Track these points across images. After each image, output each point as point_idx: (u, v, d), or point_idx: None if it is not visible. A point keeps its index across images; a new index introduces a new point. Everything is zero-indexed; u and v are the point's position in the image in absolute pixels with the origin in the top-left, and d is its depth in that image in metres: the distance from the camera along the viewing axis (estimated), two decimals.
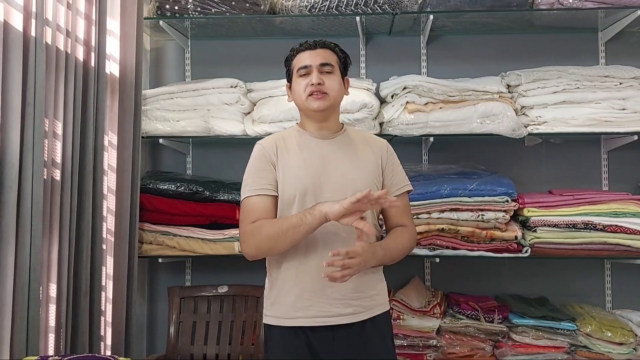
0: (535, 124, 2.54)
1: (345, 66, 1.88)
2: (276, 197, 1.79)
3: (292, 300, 1.76)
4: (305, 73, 1.79)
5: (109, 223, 2.39)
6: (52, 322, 2.00)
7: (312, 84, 1.76)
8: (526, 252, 2.47)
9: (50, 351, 1.99)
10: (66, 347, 2.05)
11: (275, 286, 1.82)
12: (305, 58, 1.81)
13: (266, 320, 1.83)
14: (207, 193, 2.62)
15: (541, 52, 2.83)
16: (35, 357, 1.73)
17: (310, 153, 1.82)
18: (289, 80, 1.88)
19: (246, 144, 2.86)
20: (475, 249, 2.48)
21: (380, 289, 1.85)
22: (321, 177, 1.78)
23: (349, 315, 1.75)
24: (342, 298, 1.75)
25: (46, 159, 1.92)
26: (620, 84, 2.54)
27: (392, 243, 1.82)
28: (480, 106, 2.52)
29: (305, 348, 1.75)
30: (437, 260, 2.52)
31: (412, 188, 1.94)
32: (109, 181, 2.39)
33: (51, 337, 2.00)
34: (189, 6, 2.64)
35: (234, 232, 2.58)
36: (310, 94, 1.77)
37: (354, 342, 1.75)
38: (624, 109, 2.51)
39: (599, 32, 2.84)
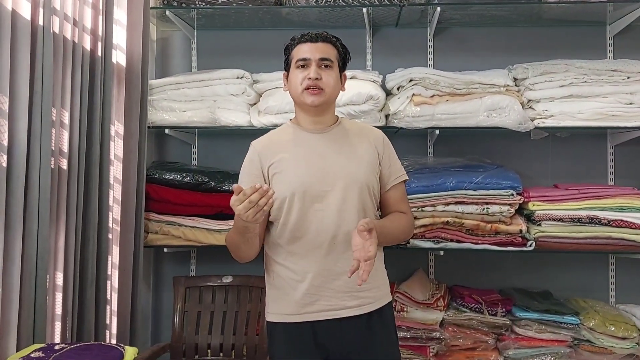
0: (541, 118, 2.54)
1: (344, 62, 1.87)
2: None
3: (299, 296, 1.76)
4: (303, 65, 1.78)
5: (114, 212, 2.40)
6: (58, 310, 2.02)
7: (309, 78, 1.75)
8: (531, 245, 2.47)
9: (57, 339, 2.01)
10: (72, 335, 2.07)
11: (278, 284, 1.81)
12: (305, 50, 1.79)
13: (270, 317, 1.83)
14: (213, 183, 2.63)
15: (549, 46, 2.82)
16: (42, 345, 1.75)
17: (307, 149, 1.81)
18: (287, 69, 1.87)
19: (252, 135, 2.86)
20: (479, 242, 2.48)
21: (384, 279, 1.87)
22: (320, 171, 1.78)
23: (355, 307, 1.76)
24: (349, 290, 1.75)
25: (53, 148, 1.93)
26: (628, 78, 2.52)
27: (388, 222, 1.82)
28: (486, 99, 2.51)
29: (312, 342, 1.75)
30: (442, 253, 2.52)
31: (407, 177, 1.95)
32: (115, 171, 2.40)
33: (57, 325, 2.02)
34: None
35: None
36: (307, 88, 1.76)
37: (361, 334, 1.76)
38: (631, 104, 2.50)
39: (607, 26, 2.82)
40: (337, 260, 1.75)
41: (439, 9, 2.57)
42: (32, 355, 1.64)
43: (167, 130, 2.70)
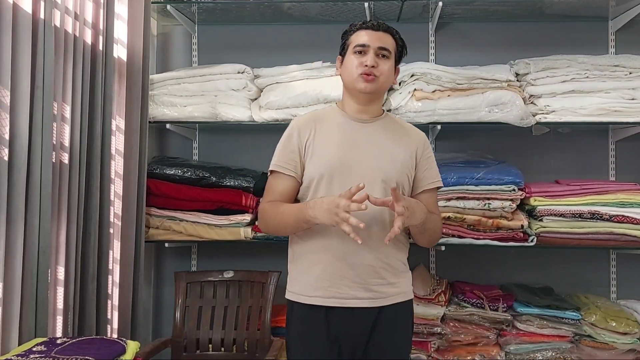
0: (543, 113, 2.53)
1: (400, 55, 1.87)
2: (294, 179, 1.82)
3: (312, 279, 1.77)
4: (361, 51, 1.78)
5: (116, 207, 2.40)
6: (60, 304, 2.01)
7: (366, 65, 1.75)
8: (532, 241, 2.47)
9: (58, 333, 2.01)
10: (74, 330, 2.07)
11: (296, 263, 1.84)
12: (365, 37, 1.78)
13: (288, 295, 1.86)
14: (214, 179, 2.62)
15: (551, 41, 2.81)
16: (44, 339, 1.75)
17: (344, 135, 1.81)
18: (342, 54, 1.86)
19: (253, 130, 2.88)
20: (481, 237, 2.48)
21: (403, 278, 1.84)
22: (350, 160, 1.77)
23: (367, 299, 1.75)
24: (361, 282, 1.75)
25: (55, 143, 1.92)
26: (630, 73, 2.51)
27: (431, 216, 1.82)
28: (488, 94, 2.51)
29: (323, 327, 1.76)
30: (443, 248, 2.51)
31: (442, 185, 1.93)
32: (117, 166, 2.40)
33: (59, 320, 2.02)
34: None
35: (240, 217, 2.59)
36: (362, 74, 1.76)
37: (373, 327, 1.76)
38: (633, 99, 2.50)
39: (609, 21, 2.81)
40: (353, 251, 1.73)
41: (440, 3, 2.56)
42: (34, 349, 1.64)
43: (168, 125, 2.70)
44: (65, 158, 2.01)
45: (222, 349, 2.54)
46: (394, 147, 1.83)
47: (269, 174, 1.86)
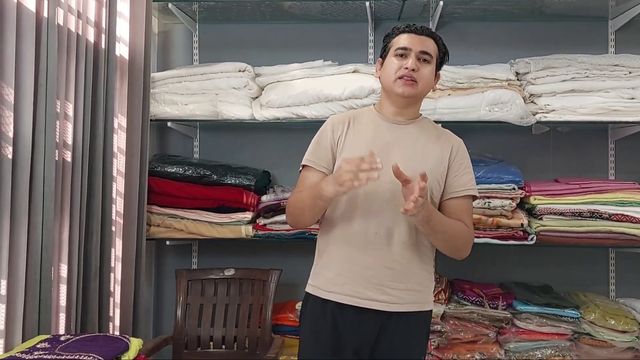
0: (543, 112, 2.54)
1: (442, 61, 1.85)
2: (324, 175, 1.79)
3: (332, 275, 1.76)
4: (402, 54, 1.76)
5: (117, 205, 2.41)
6: (63, 302, 2.02)
7: (406, 68, 1.73)
8: (532, 239, 2.48)
9: (61, 330, 2.02)
10: (76, 327, 2.08)
11: (320, 257, 1.83)
12: (407, 40, 1.76)
13: (307, 288, 1.85)
14: (215, 177, 2.64)
15: (551, 40, 2.82)
16: (47, 336, 1.76)
17: (377, 136, 1.79)
18: (382, 57, 1.85)
19: (254, 128, 2.88)
20: (481, 236, 2.49)
21: (424, 287, 1.80)
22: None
23: (381, 302, 1.72)
24: (378, 284, 1.72)
25: (57, 141, 1.93)
26: (630, 73, 2.53)
27: (447, 219, 1.74)
28: (488, 93, 2.52)
29: (331, 321, 1.75)
30: None
31: (477, 194, 1.84)
32: (118, 163, 2.40)
33: (62, 317, 2.02)
34: None
35: (241, 215, 2.60)
36: (401, 77, 1.74)
37: (380, 331, 1.74)
38: (632, 98, 2.51)
39: (609, 21, 2.83)
40: (373, 251, 1.72)
41: (441, 3, 2.57)
42: (38, 346, 1.65)
43: (169, 124, 2.70)
44: (68, 156, 2.02)
45: (223, 346, 2.55)
46: (425, 150, 1.80)
47: (300, 168, 1.85)
